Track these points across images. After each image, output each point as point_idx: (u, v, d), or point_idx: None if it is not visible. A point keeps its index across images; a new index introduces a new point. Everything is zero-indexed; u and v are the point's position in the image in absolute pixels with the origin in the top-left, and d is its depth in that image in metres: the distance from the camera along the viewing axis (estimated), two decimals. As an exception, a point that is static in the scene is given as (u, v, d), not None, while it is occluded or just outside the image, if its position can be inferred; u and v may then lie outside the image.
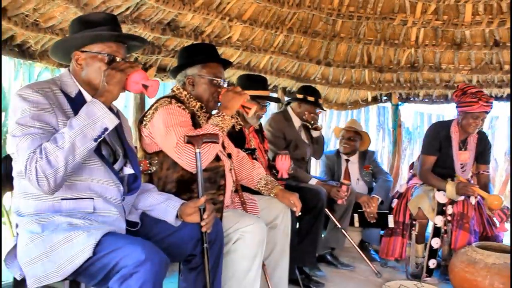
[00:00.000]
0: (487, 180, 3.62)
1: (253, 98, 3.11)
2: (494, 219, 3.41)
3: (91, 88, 1.82)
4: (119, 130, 1.94)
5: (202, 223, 1.93)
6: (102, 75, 1.71)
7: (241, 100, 2.30)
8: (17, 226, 1.75)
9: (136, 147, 2.43)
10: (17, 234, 1.74)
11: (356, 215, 3.83)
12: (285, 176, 3.16)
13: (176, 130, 2.17)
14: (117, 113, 2.00)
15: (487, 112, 3.39)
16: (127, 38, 1.93)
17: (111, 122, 1.64)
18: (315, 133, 3.93)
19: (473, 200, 3.41)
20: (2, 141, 2.96)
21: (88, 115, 1.61)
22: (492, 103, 3.38)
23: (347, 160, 4.31)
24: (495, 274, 2.77)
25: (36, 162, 1.54)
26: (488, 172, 3.65)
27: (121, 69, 1.70)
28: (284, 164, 3.13)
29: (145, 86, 1.76)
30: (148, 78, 1.78)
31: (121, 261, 1.51)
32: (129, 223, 1.88)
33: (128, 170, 1.89)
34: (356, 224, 3.85)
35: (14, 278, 1.76)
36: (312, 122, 3.81)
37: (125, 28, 3.28)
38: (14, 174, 1.76)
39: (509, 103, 4.83)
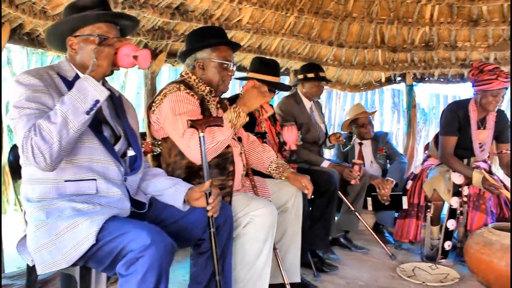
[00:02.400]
0: (509, 159, 3.54)
1: (262, 82, 3.08)
2: None
3: (86, 71, 1.81)
4: (119, 112, 1.94)
5: (208, 208, 1.93)
6: (92, 53, 1.71)
7: (263, 101, 2.30)
8: (25, 213, 1.78)
9: (145, 133, 2.44)
10: (26, 222, 1.77)
11: (369, 199, 3.79)
12: (293, 147, 3.14)
13: (183, 120, 2.16)
14: (119, 97, 2.00)
15: (506, 88, 3.32)
16: (115, 17, 1.90)
17: (101, 94, 1.64)
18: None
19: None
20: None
21: (79, 89, 1.62)
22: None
23: (361, 144, 4.26)
24: None
25: (31, 139, 1.55)
26: (508, 151, 3.56)
27: (109, 44, 1.71)
28: (291, 135, 3.11)
29: (136, 58, 1.74)
30: (138, 50, 1.76)
31: (127, 245, 1.52)
32: (136, 204, 1.89)
33: (131, 153, 1.91)
34: (370, 208, 3.81)
35: (27, 264, 1.81)
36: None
37: (133, 13, 3.25)
38: (21, 161, 1.78)
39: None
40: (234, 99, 3.12)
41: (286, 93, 3.98)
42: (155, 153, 2.32)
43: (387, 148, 4.23)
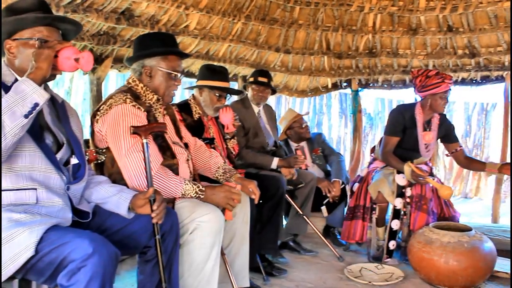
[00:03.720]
0: (465, 154, 3.75)
1: (213, 89, 3.09)
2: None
3: (25, 74, 1.75)
4: (62, 118, 1.89)
5: (153, 214, 1.90)
6: (31, 56, 1.65)
7: (223, 205, 2.29)
8: None
9: (88, 140, 2.38)
10: None
11: (323, 208, 3.89)
12: (231, 128, 3.20)
13: (127, 140, 2.13)
14: (62, 104, 1.94)
15: (450, 90, 3.52)
16: (55, 21, 1.84)
17: (41, 96, 1.58)
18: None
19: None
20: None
21: (16, 92, 1.55)
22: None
23: (297, 148, 4.31)
24: (449, 252, 2.85)
25: None
26: (461, 147, 3.76)
27: (48, 46, 1.65)
28: (226, 115, 3.15)
29: (78, 60, 1.70)
30: (80, 52, 1.72)
31: (68, 255, 1.47)
32: (79, 214, 1.83)
33: (75, 161, 1.85)
34: (325, 214, 3.92)
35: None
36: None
37: (76, 18, 3.18)
38: None
39: (463, 87, 4.98)
40: (182, 105, 3.11)
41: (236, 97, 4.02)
42: (99, 161, 2.27)
43: (323, 148, 4.30)
